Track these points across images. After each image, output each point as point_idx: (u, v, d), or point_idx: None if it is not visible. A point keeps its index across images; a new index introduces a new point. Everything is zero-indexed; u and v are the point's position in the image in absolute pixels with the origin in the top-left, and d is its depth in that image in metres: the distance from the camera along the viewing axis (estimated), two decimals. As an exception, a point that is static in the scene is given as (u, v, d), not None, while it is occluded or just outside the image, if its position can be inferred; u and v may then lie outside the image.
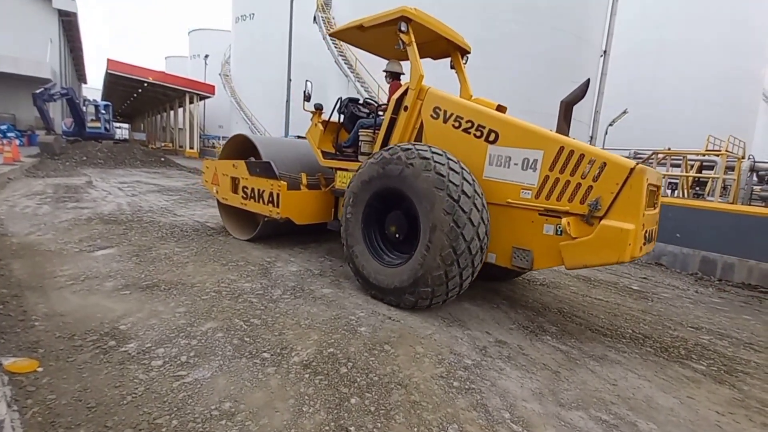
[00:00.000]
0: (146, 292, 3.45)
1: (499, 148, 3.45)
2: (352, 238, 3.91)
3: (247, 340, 2.73)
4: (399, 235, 3.74)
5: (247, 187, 5.23)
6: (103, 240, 5.06)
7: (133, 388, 2.11)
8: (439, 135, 3.79)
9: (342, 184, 4.66)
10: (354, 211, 3.89)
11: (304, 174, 5.02)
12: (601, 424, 2.17)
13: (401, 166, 3.40)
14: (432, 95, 3.90)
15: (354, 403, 2.14)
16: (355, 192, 3.86)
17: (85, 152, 17.17)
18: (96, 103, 21.78)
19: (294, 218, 4.80)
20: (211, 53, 39.74)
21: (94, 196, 8.59)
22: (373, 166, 3.67)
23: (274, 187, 4.78)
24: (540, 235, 3.24)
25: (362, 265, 3.78)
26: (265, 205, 4.95)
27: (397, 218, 3.76)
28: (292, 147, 5.74)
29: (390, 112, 4.13)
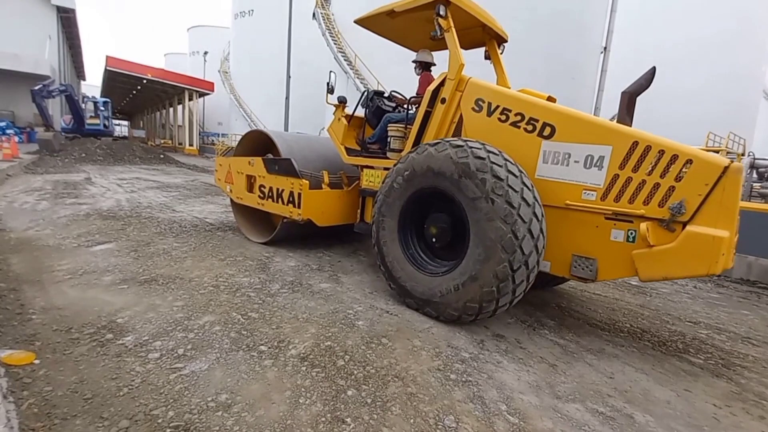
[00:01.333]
0: (144, 286, 3.45)
1: (556, 144, 3.08)
2: (386, 242, 3.58)
3: (244, 333, 2.73)
4: (440, 241, 3.40)
5: (265, 186, 4.92)
6: (102, 235, 5.05)
7: (130, 380, 2.11)
8: (481, 130, 3.44)
9: (369, 183, 4.36)
10: (389, 212, 3.55)
11: (325, 172, 4.69)
12: (597, 416, 2.17)
13: (452, 165, 3.02)
14: (474, 86, 3.57)
15: (350, 395, 2.14)
16: (391, 191, 3.51)
17: (84, 149, 17.15)
18: (95, 100, 21.74)
19: (316, 220, 4.47)
20: (210, 50, 39.63)
21: (93, 192, 8.59)
22: (416, 163, 3.30)
23: (294, 185, 4.44)
24: (606, 241, 2.87)
25: (397, 272, 3.47)
26: (284, 206, 4.62)
27: (439, 222, 3.40)
28: (312, 143, 5.40)
29: (424, 105, 3.82)
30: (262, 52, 29.38)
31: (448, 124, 3.72)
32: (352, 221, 4.75)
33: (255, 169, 5.07)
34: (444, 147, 3.13)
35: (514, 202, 2.76)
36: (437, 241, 3.41)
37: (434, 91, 3.79)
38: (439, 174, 3.12)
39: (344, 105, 4.87)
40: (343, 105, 4.87)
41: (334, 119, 4.90)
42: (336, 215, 4.71)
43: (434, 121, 3.77)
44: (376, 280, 4.18)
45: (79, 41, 37.52)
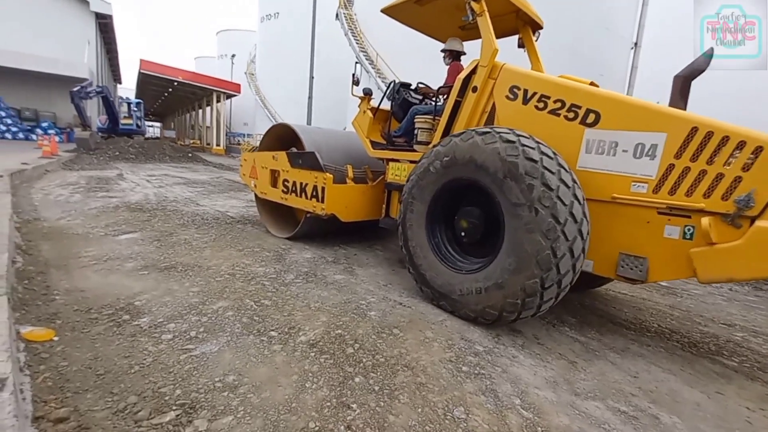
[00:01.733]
0: (164, 272, 3.53)
1: (601, 132, 2.83)
2: (412, 226, 3.41)
3: (256, 319, 2.74)
4: (469, 238, 3.20)
5: (288, 181, 4.84)
6: (128, 226, 5.22)
7: (142, 358, 2.14)
8: (516, 119, 3.21)
9: (396, 177, 4.21)
10: (419, 195, 3.36)
11: (349, 166, 4.56)
12: (619, 415, 2.04)
13: (499, 162, 2.75)
14: (509, 72, 3.36)
15: (358, 381, 2.10)
16: (426, 174, 3.30)
17: (118, 147, 17.88)
18: (128, 101, 22.70)
19: (340, 215, 4.32)
20: (237, 53, 40.70)
21: (123, 187, 8.92)
22: (458, 150, 3.04)
23: (318, 180, 4.33)
24: (659, 238, 2.61)
25: (426, 271, 3.26)
26: (308, 200, 4.50)
27: (471, 216, 3.20)
28: (336, 137, 5.28)
29: (454, 95, 3.61)
30: (287, 53, 29.91)
31: (480, 113, 3.51)
32: (376, 217, 4.60)
33: (279, 164, 5.01)
34: (492, 139, 2.81)
35: (561, 217, 2.48)
36: (466, 236, 3.22)
37: (465, 79, 3.58)
38: (481, 168, 2.84)
39: (370, 97, 4.71)
40: (369, 97, 4.71)
41: (359, 112, 4.76)
42: (360, 210, 4.54)
43: (464, 111, 3.56)
44: (391, 273, 4.13)
45: (116, 46, 39.26)
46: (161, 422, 1.68)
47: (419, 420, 1.84)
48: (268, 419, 1.74)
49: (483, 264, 2.95)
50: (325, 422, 1.76)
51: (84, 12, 29.70)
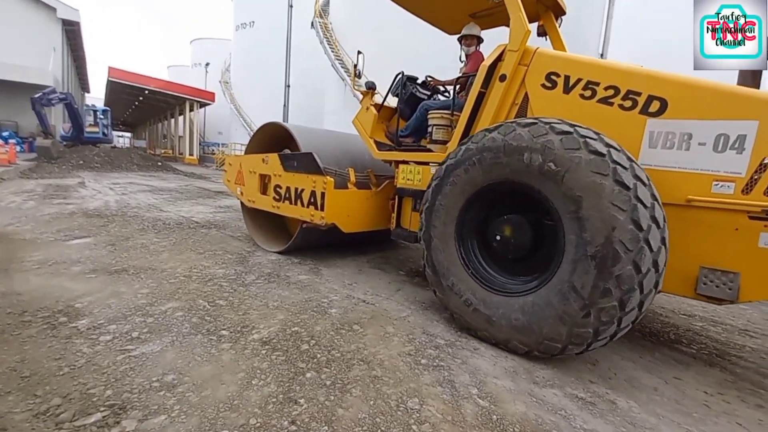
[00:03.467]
0: (113, 275, 3.33)
1: (669, 123, 2.39)
2: (440, 254, 2.84)
3: (207, 319, 2.60)
4: (516, 251, 2.65)
5: (281, 186, 4.24)
6: (81, 231, 4.95)
7: (74, 360, 1.98)
8: (556, 110, 2.72)
9: (408, 181, 3.66)
10: (443, 216, 2.83)
11: (351, 169, 4.00)
12: (576, 401, 2.01)
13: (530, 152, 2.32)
14: (544, 57, 2.93)
15: (309, 377, 1.99)
16: (445, 190, 2.80)
17: (82, 156, 17.19)
18: (94, 108, 21.96)
19: (342, 225, 3.77)
20: (212, 62, 40.12)
21: (83, 194, 8.52)
22: (476, 153, 2.61)
23: (317, 184, 3.76)
24: (753, 249, 2.16)
25: (461, 294, 2.69)
26: (304, 208, 3.92)
27: (516, 226, 2.64)
28: (333, 138, 4.75)
29: (478, 86, 3.14)
30: (262, 62, 29.69)
31: (509, 105, 3.07)
32: (381, 227, 4.11)
33: (270, 167, 4.40)
34: (541, 131, 2.32)
35: (643, 222, 1.99)
36: (508, 251, 2.67)
37: (491, 67, 3.11)
38: (530, 167, 2.33)
39: (373, 92, 4.17)
40: (372, 92, 4.17)
41: (360, 109, 4.24)
42: (364, 220, 4.01)
43: (491, 103, 3.11)
44: (358, 273, 4.04)
45: (84, 53, 38.10)
46: (84, 424, 1.54)
47: (370, 412, 1.75)
48: (206, 417, 1.62)
49: (537, 284, 2.41)
50: (268, 418, 1.65)
51: (50, 18, 28.72)
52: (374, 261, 4.53)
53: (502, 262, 2.79)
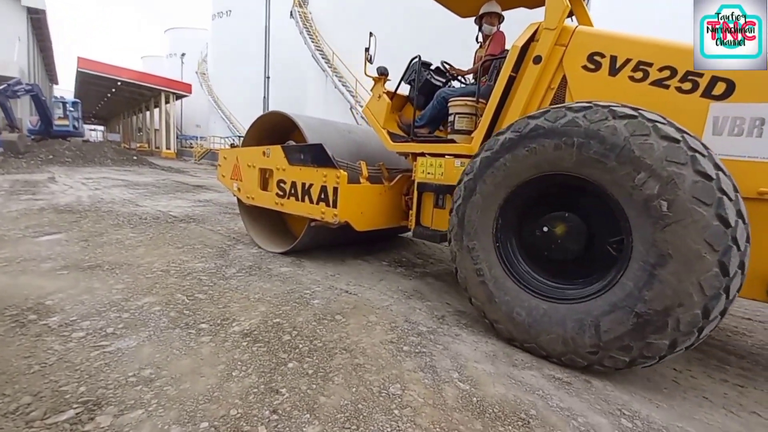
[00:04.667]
0: (86, 272, 3.22)
1: (737, 107, 2.16)
2: (476, 256, 2.56)
3: (186, 312, 2.55)
4: (567, 252, 2.36)
5: (285, 181, 3.89)
6: (52, 227, 4.77)
7: (45, 358, 1.91)
8: (601, 94, 2.44)
9: (428, 175, 3.36)
10: (477, 214, 2.54)
11: (363, 163, 3.71)
12: (554, 381, 2.07)
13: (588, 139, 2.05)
14: (586, 36, 2.67)
15: (291, 367, 1.98)
16: (480, 186, 2.51)
17: (52, 150, 16.50)
18: (63, 100, 21.05)
19: (355, 223, 3.49)
20: (188, 52, 38.93)
21: (53, 190, 8.19)
22: (519, 143, 2.32)
23: (328, 179, 3.46)
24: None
25: (502, 302, 2.41)
26: (312, 205, 3.61)
27: (564, 224, 2.36)
28: (339, 129, 4.44)
29: (508, 69, 2.87)
30: (241, 53, 28.97)
31: (544, 90, 2.81)
32: (394, 224, 3.89)
33: (272, 161, 4.05)
34: (600, 115, 2.06)
35: (730, 218, 1.77)
36: (558, 253, 2.38)
37: (523, 48, 2.84)
38: (590, 157, 2.06)
39: (385, 78, 3.88)
40: (384, 78, 3.88)
41: (372, 96, 3.97)
42: (378, 217, 3.73)
43: (522, 88, 2.84)
44: (341, 264, 4.03)
45: (51, 43, 36.36)
46: (56, 421, 1.49)
47: (352, 399, 1.76)
48: (184, 410, 1.59)
49: (597, 289, 2.15)
50: (249, 408, 1.64)
51: (14, 6, 27.23)
52: (357, 252, 4.53)
53: (546, 265, 2.48)
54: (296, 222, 4.44)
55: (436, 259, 4.53)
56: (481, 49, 3.65)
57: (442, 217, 3.23)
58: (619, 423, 1.76)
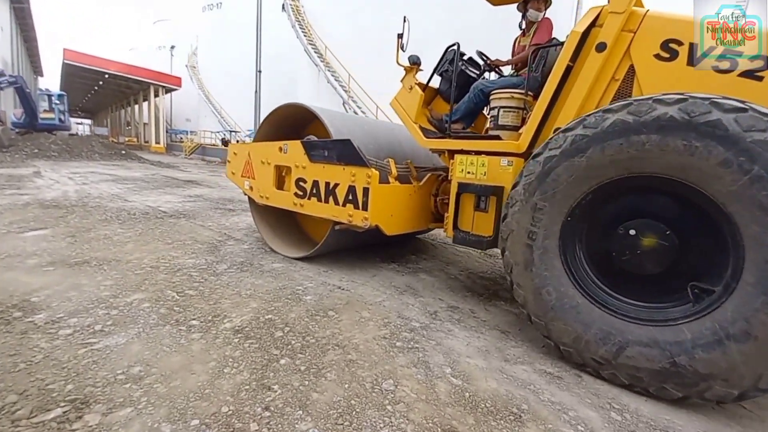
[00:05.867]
0: (73, 268, 3.16)
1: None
2: (536, 268, 2.27)
3: (176, 309, 2.52)
4: (653, 265, 2.08)
5: (305, 180, 3.58)
6: (37, 222, 4.67)
7: (31, 356, 1.87)
8: (676, 87, 2.15)
9: (469, 175, 3.03)
10: (544, 221, 2.25)
11: (392, 160, 3.42)
12: (545, 376, 2.09)
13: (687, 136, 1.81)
14: (658, 20, 2.39)
15: (283, 363, 1.97)
16: (544, 189, 2.23)
17: (37, 144, 16.14)
18: (49, 93, 20.56)
19: (386, 226, 3.20)
20: (177, 44, 38.27)
21: (39, 185, 8.02)
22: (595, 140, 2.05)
23: (357, 178, 3.16)
24: None
25: (568, 318, 2.15)
26: (338, 207, 3.31)
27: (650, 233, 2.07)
28: (362, 123, 4.14)
29: (566, 58, 2.60)
30: (232, 46, 28.57)
31: (607, 82, 2.54)
32: (422, 228, 3.69)
33: (290, 157, 3.73)
34: (700, 108, 1.81)
35: None
36: (638, 265, 2.11)
37: (584, 33, 2.58)
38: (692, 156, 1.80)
39: (417, 68, 3.62)
40: (417, 68, 3.61)
41: (402, 88, 3.68)
42: (409, 220, 3.47)
43: (582, 79, 2.57)
44: (334, 260, 4.01)
45: (35, 34, 35.51)
46: (43, 420, 1.46)
47: (345, 395, 1.75)
48: (175, 408, 1.58)
49: (696, 310, 1.89)
50: (241, 405, 1.62)
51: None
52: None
53: (620, 281, 2.19)
54: (312, 224, 4.19)
55: (429, 255, 4.54)
56: (525, 37, 3.41)
57: (485, 221, 2.96)
58: (609, 416, 1.79)
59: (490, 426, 1.64)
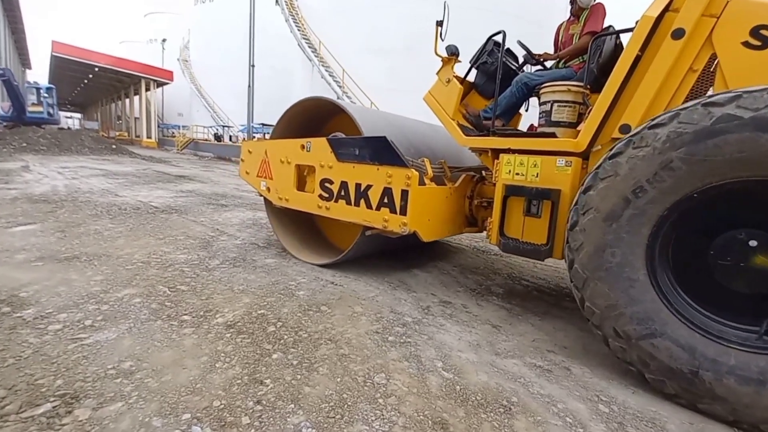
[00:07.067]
0: (63, 263, 3.13)
1: None
2: (617, 285, 2.00)
3: (168, 304, 2.50)
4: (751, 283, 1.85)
5: (332, 181, 3.30)
6: (26, 217, 4.60)
7: (20, 351, 1.86)
8: None
9: (517, 176, 2.76)
10: (625, 230, 1.98)
11: (427, 160, 3.15)
12: (535, 369, 2.12)
13: None
14: (746, 4, 2.12)
15: (276, 358, 1.98)
16: (632, 193, 1.96)
17: (26, 138, 15.85)
18: (37, 86, 20.20)
19: (423, 232, 2.97)
20: (169, 38, 37.74)
21: (27, 179, 7.89)
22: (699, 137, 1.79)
23: (394, 179, 2.90)
24: None
25: (664, 347, 1.88)
26: (372, 211, 3.04)
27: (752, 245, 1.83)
28: (390, 120, 3.83)
29: (636, 47, 2.35)
30: (225, 40, 28.27)
31: (684, 73, 2.27)
32: (457, 233, 3.51)
33: (313, 156, 3.44)
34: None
35: None
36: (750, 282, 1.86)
37: (658, 19, 2.32)
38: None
39: (456, 59, 3.35)
40: (455, 59, 3.35)
41: (437, 81, 3.41)
42: (445, 224, 3.27)
43: (655, 70, 2.31)
44: (326, 255, 4.01)
45: (23, 26, 34.86)
46: (32, 415, 1.45)
47: (337, 389, 1.76)
48: (166, 402, 1.57)
49: None
50: (233, 399, 1.63)
51: (-21, -15, 25.93)
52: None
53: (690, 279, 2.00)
54: (334, 227, 3.97)
55: (422, 250, 4.55)
56: (575, 25, 3.19)
57: (537, 228, 2.71)
58: (597, 408, 1.82)
59: (480, 418, 1.66)
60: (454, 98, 3.29)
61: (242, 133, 22.53)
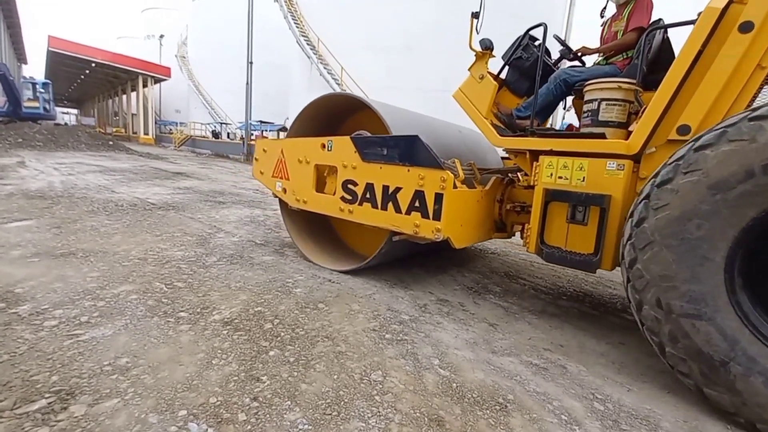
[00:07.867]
0: (59, 259, 3.11)
1: None
2: (685, 259, 1.83)
3: (164, 301, 2.50)
4: None
5: (356, 183, 3.10)
6: (21, 213, 4.57)
7: (15, 347, 1.85)
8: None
9: (560, 180, 2.59)
10: (700, 241, 1.80)
11: (458, 162, 2.98)
12: (531, 367, 2.13)
13: None
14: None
15: (272, 355, 1.98)
16: (705, 202, 1.78)
17: (21, 134, 15.76)
18: (33, 81, 20.06)
19: (455, 239, 2.77)
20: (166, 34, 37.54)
21: (23, 175, 7.85)
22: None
23: (427, 182, 2.71)
24: None
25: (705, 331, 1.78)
26: (401, 216, 2.86)
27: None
28: (417, 118, 3.64)
29: (698, 41, 2.17)
30: (223, 37, 28.13)
31: (751, 69, 2.07)
32: (486, 239, 3.32)
33: (335, 156, 3.24)
34: None
35: None
36: None
37: (722, 11, 2.13)
38: None
39: (490, 54, 3.14)
40: (490, 54, 3.14)
41: (469, 77, 3.19)
42: (475, 229, 3.07)
43: (719, 67, 2.12)
44: (324, 253, 4.01)
45: (18, 20, 34.54)
46: (27, 411, 1.45)
47: (333, 386, 1.77)
48: (162, 398, 1.57)
49: None
50: (229, 396, 1.63)
51: (-25, -22, 25.68)
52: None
53: None
54: (353, 231, 3.78)
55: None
56: (618, 21, 3.02)
57: (583, 236, 2.52)
58: (592, 406, 1.83)
59: (476, 415, 1.67)
60: (488, 96, 3.09)
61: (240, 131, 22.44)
